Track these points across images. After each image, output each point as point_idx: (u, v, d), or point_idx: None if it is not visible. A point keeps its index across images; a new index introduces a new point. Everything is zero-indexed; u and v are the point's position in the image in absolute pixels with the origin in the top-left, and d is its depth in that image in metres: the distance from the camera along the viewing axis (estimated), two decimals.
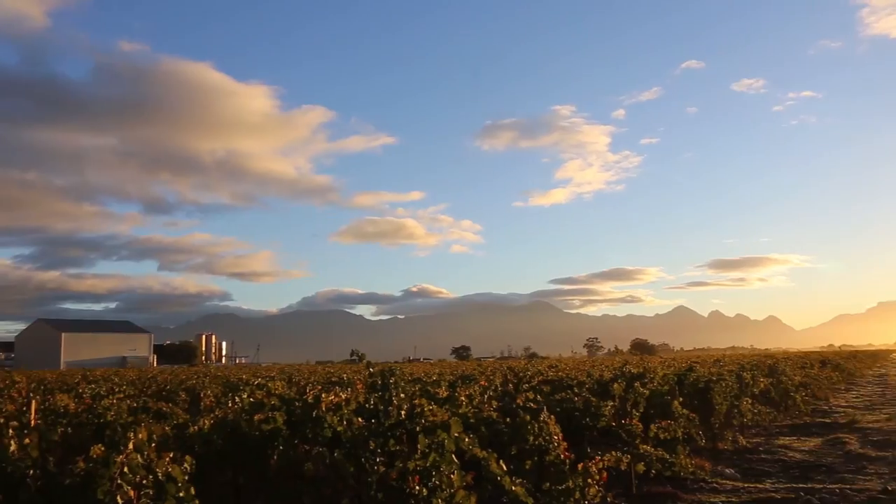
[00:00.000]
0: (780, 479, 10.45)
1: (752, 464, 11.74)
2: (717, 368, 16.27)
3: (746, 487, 9.76)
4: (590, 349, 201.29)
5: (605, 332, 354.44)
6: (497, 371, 17.59)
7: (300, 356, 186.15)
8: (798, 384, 20.92)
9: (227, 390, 9.16)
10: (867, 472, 10.63)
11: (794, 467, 11.39)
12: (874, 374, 45.07)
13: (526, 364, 21.77)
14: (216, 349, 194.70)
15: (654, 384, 11.06)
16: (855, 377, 39.45)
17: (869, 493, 9.22)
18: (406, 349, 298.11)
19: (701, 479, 10.09)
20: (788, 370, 21.44)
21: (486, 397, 8.67)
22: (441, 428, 4.91)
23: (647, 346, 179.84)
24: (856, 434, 14.74)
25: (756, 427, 15.67)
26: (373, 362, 5.64)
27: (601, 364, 24.52)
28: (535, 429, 6.73)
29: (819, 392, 23.80)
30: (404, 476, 4.79)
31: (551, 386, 11.12)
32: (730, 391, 13.93)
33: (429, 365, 52.67)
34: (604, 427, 8.69)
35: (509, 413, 7.09)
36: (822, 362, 34.51)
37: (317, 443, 5.44)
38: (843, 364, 39.74)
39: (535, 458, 6.74)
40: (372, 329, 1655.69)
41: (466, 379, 13.59)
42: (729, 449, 13.02)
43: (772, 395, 17.70)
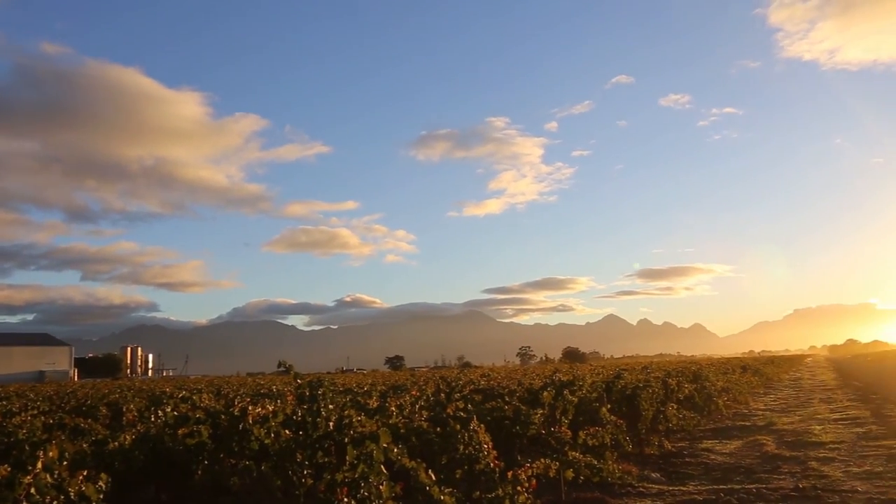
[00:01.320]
0: (703, 481, 10.79)
1: (676, 467, 12.08)
2: (644, 375, 16.67)
3: (671, 490, 10.04)
4: (522, 358, 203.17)
5: (537, 341, 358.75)
6: (429, 381, 17.58)
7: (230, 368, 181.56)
8: (720, 389, 21.67)
9: (150, 404, 8.85)
10: (781, 472, 11.09)
11: (716, 469, 11.78)
12: (790, 379, 47.01)
13: (458, 373, 21.84)
14: (142, 362, 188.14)
15: (583, 392, 11.25)
16: (773, 381, 41.08)
17: (782, 491, 9.62)
18: (339, 360, 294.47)
19: (628, 484, 10.32)
20: (711, 376, 22.15)
21: (417, 407, 8.66)
22: (370, 439, 4.88)
23: (579, 354, 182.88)
24: (772, 436, 15.35)
25: (681, 431, 16.13)
26: (301, 373, 5.57)
27: (532, 372, 24.82)
28: (465, 438, 6.75)
29: (740, 396, 24.70)
30: (332, 488, 4.73)
31: (483, 395, 11.18)
32: (656, 397, 14.31)
33: (361, 375, 52.20)
34: (534, 435, 8.78)
35: (440, 422, 7.09)
36: (742, 368, 35.79)
37: (243, 456, 5.32)
38: (762, 369, 41.35)
39: (465, 466, 6.76)
40: (304, 339, 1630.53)
41: (398, 389, 13.54)
42: (655, 453, 13.36)
43: (696, 400, 18.26)
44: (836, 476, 10.57)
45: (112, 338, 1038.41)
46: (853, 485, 9.87)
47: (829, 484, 9.98)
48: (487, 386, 13.70)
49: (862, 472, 10.80)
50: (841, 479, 10.30)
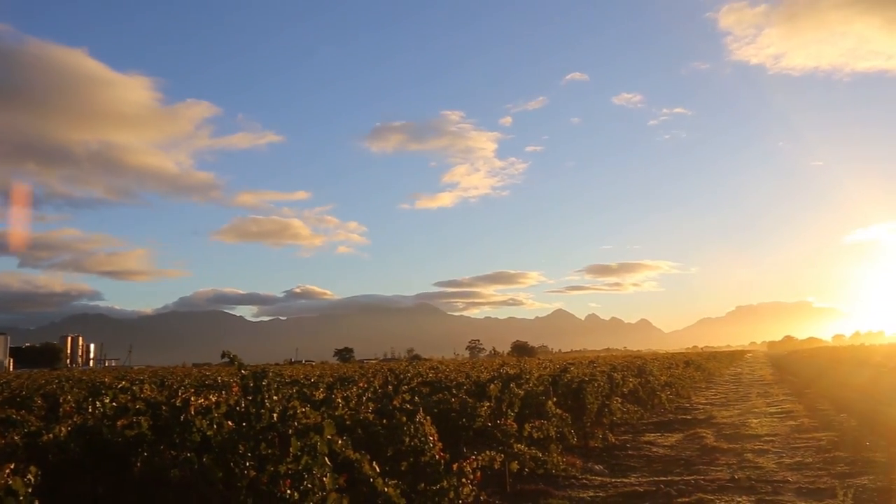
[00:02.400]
0: (644, 473, 11.05)
1: (619, 460, 12.34)
2: (590, 369, 16.97)
3: (613, 482, 10.25)
4: (472, 351, 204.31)
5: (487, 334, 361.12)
6: (378, 373, 17.54)
7: (176, 359, 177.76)
8: (664, 383, 22.18)
9: (89, 395, 8.61)
10: (719, 464, 11.44)
11: (657, 461, 12.07)
12: (731, 374, 48.42)
13: (407, 366, 21.83)
14: (83, 352, 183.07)
15: (530, 385, 11.39)
16: (714, 376, 42.24)
17: (719, 482, 9.92)
18: (288, 351, 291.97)
19: (572, 476, 10.51)
20: (655, 370, 22.65)
21: (363, 399, 8.63)
22: (314, 430, 4.84)
23: (527, 347, 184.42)
24: (712, 429, 15.80)
25: (625, 425, 16.47)
26: (246, 364, 5.49)
27: (481, 366, 24.99)
28: (411, 430, 6.77)
29: (682, 391, 25.33)
30: (275, 480, 4.68)
31: (430, 387, 11.20)
32: (601, 391, 14.55)
33: (310, 367, 51.74)
34: (480, 427, 8.84)
35: (386, 415, 7.09)
36: (685, 363, 36.67)
37: (185, 448, 5.22)
38: (704, 364, 42.45)
39: (410, 459, 6.77)
40: (253, 330, 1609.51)
41: (345, 381, 13.47)
42: (599, 446, 13.61)
43: (640, 394, 18.65)
44: (769, 467, 10.95)
45: (52, 327, 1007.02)
46: (785, 475, 10.24)
47: (762, 475, 10.34)
48: (435, 378, 13.75)
49: (793, 463, 11.21)
50: (774, 470, 10.67)
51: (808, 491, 9.21)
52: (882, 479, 9.65)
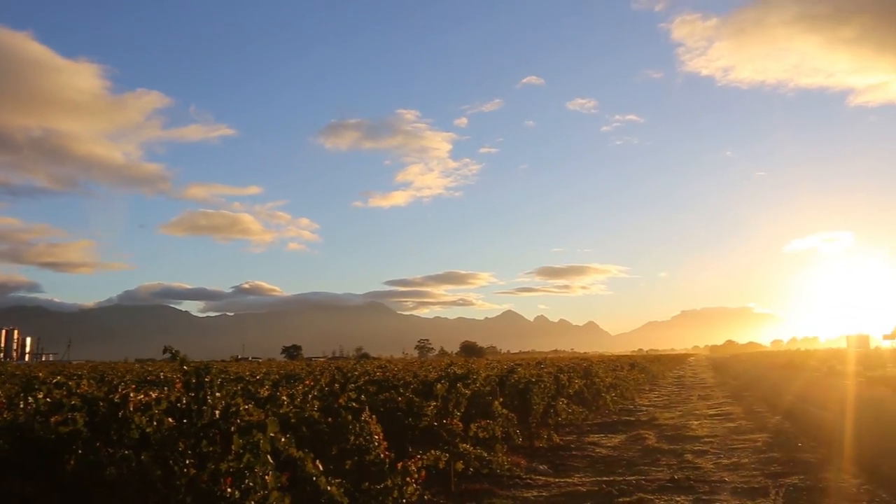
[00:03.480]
0: (587, 473, 11.21)
1: (563, 460, 12.50)
2: (537, 370, 17.10)
3: (557, 482, 10.38)
4: (421, 350, 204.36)
5: (436, 334, 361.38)
6: (325, 371, 17.39)
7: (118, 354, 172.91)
8: (609, 385, 22.53)
9: (22, 390, 8.33)
10: (660, 464, 11.69)
11: (600, 462, 12.27)
12: (674, 376, 49.49)
13: (355, 364, 21.71)
14: (18, 345, 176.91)
15: (477, 385, 11.43)
16: (658, 379, 43.13)
17: (659, 482, 10.14)
18: (234, 347, 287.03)
19: (517, 476, 10.60)
20: (601, 372, 22.98)
21: (309, 397, 8.54)
22: (257, 428, 4.77)
23: (476, 348, 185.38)
24: (654, 430, 16.14)
25: (570, 425, 16.69)
26: (189, 360, 5.38)
27: (429, 365, 25.00)
28: (356, 428, 6.74)
29: (627, 392, 25.79)
30: (216, 478, 4.60)
31: (377, 386, 11.14)
32: (548, 392, 14.71)
33: (256, 364, 50.99)
34: (426, 427, 8.85)
35: (332, 413, 7.03)
36: (630, 365, 37.33)
37: (122, 445, 5.08)
38: (648, 367, 43.30)
39: (355, 457, 6.74)
40: (199, 326, 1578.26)
41: (291, 378, 13.32)
42: (544, 446, 13.76)
43: (585, 395, 18.92)
44: (707, 468, 11.23)
45: None
46: (722, 475, 10.52)
47: (701, 475, 10.60)
48: (383, 377, 13.69)
49: (730, 464, 11.53)
50: (712, 471, 10.95)
51: (743, 490, 9.48)
52: (811, 479, 10.02)
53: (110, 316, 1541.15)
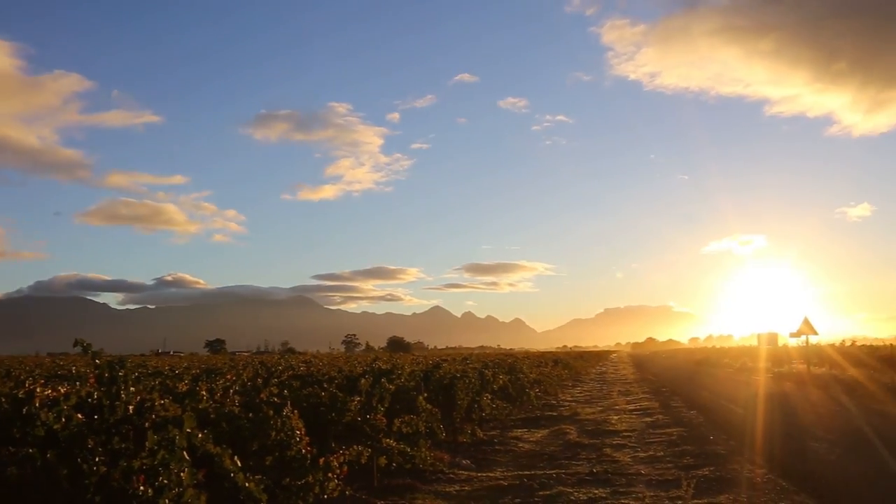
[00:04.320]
0: (510, 467, 11.38)
1: (486, 454, 12.65)
2: (462, 366, 17.26)
3: (479, 476, 10.50)
4: (348, 346, 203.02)
5: (364, 329, 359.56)
6: (248, 365, 17.08)
7: (29, 347, 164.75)
8: (533, 381, 22.92)
9: None
10: (580, 458, 11.98)
11: (523, 456, 12.48)
12: (596, 373, 50.71)
13: (279, 359, 21.40)
14: None
15: (402, 380, 11.47)
16: (581, 375, 44.10)
17: (579, 475, 10.39)
18: (156, 341, 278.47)
19: (439, 471, 10.66)
20: (525, 368, 23.37)
21: (230, 392, 8.38)
22: (173, 423, 4.66)
23: (403, 343, 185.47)
24: (575, 425, 16.51)
25: (494, 420, 16.90)
26: (102, 353, 5.19)
27: (355, 360, 24.89)
28: (277, 424, 6.65)
29: (550, 388, 26.28)
30: (128, 475, 4.46)
31: (301, 381, 11.04)
32: (472, 387, 14.86)
33: (177, 358, 49.60)
34: (349, 422, 8.81)
35: (253, 408, 6.92)
36: (554, 361, 38.10)
37: (26, 444, 4.86)
38: (571, 363, 44.24)
39: (276, 453, 6.66)
40: (118, 319, 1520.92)
41: (213, 373, 13.03)
42: (468, 441, 13.89)
43: (510, 390, 19.18)
44: (625, 461, 11.58)
45: None
46: (638, 468, 10.87)
47: (618, 468, 10.92)
48: (307, 372, 13.57)
49: (646, 457, 11.92)
50: (629, 464, 11.29)
51: (657, 482, 9.82)
52: (721, 470, 10.48)
53: (21, 307, 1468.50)
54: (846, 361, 35.70)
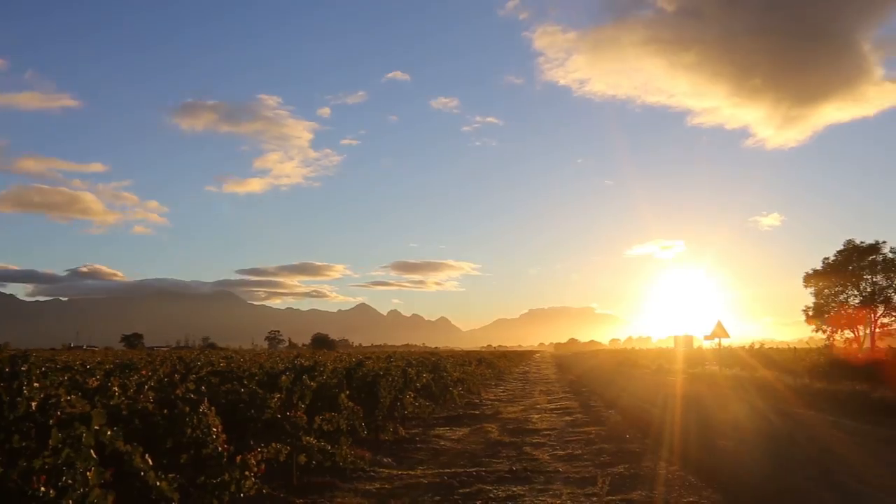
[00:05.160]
0: (431, 465, 11.42)
1: (408, 452, 12.66)
2: (386, 364, 17.20)
3: (400, 474, 10.49)
4: (271, 342, 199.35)
5: (288, 326, 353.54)
6: (166, 361, 16.54)
7: None
8: (456, 380, 23.06)
9: None
10: (500, 456, 12.13)
11: (444, 454, 12.53)
12: (519, 372, 51.47)
13: (198, 354, 20.82)
14: None
15: (324, 377, 11.33)
16: (504, 374, 44.65)
17: (499, 473, 10.52)
18: (68, 335, 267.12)
19: (360, 469, 10.60)
20: (449, 367, 23.47)
21: (145, 388, 8.10)
22: (80, 420, 4.46)
23: (328, 341, 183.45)
24: (497, 423, 16.71)
25: (416, 418, 16.93)
26: (4, 347, 4.94)
27: (277, 357, 24.47)
28: (193, 421, 6.47)
29: (473, 387, 26.51)
30: (28, 476, 4.25)
31: (220, 377, 10.76)
32: (395, 385, 14.83)
33: (91, 353, 47.60)
34: (269, 419, 8.65)
35: (168, 405, 6.71)
36: (478, 360, 38.43)
37: None
38: (495, 363, 44.74)
39: (191, 451, 6.48)
40: (27, 311, 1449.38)
41: (127, 368, 12.55)
42: (389, 439, 13.87)
43: (433, 389, 19.25)
44: (544, 459, 11.79)
45: None
46: (557, 466, 11.09)
47: (537, 466, 11.11)
48: (227, 368, 13.25)
49: (565, 455, 12.17)
50: (548, 462, 11.51)
51: (575, 480, 10.04)
52: (634, 467, 10.81)
53: None
54: (756, 363, 37.35)
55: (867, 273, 57.83)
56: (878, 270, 57.34)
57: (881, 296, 57.26)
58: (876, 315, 57.78)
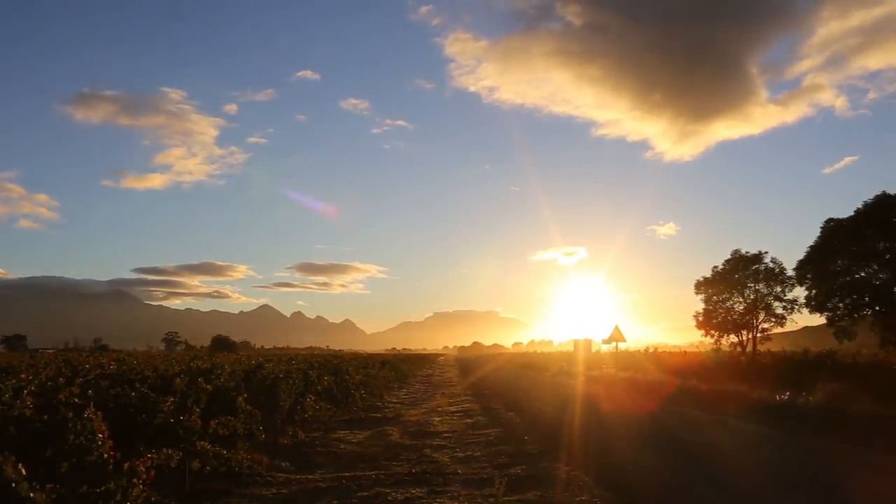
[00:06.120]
0: (330, 469, 11.32)
1: (307, 456, 12.50)
2: (287, 366, 16.93)
3: (298, 479, 10.34)
4: (168, 344, 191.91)
5: (187, 327, 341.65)
6: (51, 364, 15.67)
7: None
8: (359, 383, 22.93)
9: None
10: (400, 459, 12.16)
11: (344, 458, 12.45)
12: (423, 375, 51.67)
13: (88, 357, 19.84)
14: None
15: (222, 380, 11.06)
16: (408, 377, 44.70)
17: (398, 476, 10.54)
18: None
19: (257, 474, 10.39)
20: (352, 370, 23.35)
21: (24, 393, 7.67)
22: None
23: (229, 343, 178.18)
24: (398, 426, 16.73)
25: (317, 422, 16.73)
26: None
27: (173, 359, 23.63)
28: (77, 427, 6.16)
29: (376, 390, 26.42)
30: None
31: (110, 380, 10.33)
32: (296, 388, 14.62)
33: None
34: (161, 424, 8.35)
35: (49, 410, 6.37)
36: (381, 363, 38.34)
37: None
38: (399, 365, 44.72)
39: (73, 459, 6.17)
40: None
41: (5, 372, 11.85)
42: (288, 443, 13.66)
43: (334, 392, 19.08)
44: (444, 461, 11.90)
45: None
46: (455, 468, 11.21)
47: (437, 468, 11.19)
48: (118, 371, 12.71)
49: (464, 457, 12.33)
50: (447, 464, 11.62)
51: (473, 481, 10.19)
52: (531, 468, 11.08)
53: None
54: (650, 366, 39.00)
55: (751, 281, 61.41)
56: (760, 279, 61.00)
57: (762, 303, 60.93)
58: (758, 321, 61.43)
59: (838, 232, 49.86)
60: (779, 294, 60.62)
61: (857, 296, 49.02)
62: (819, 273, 51.11)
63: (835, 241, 49.83)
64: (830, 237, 50.80)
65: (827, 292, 50.60)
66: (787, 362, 28.51)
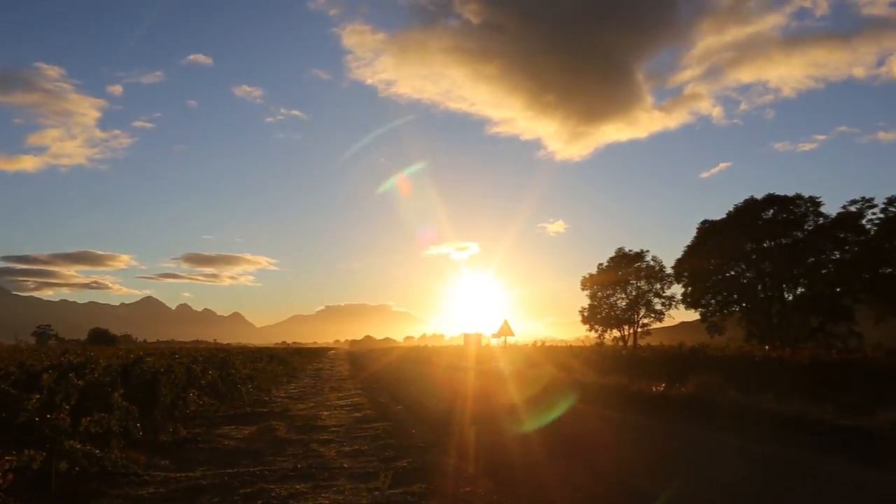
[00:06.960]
0: (212, 466, 10.98)
1: (189, 453, 12.08)
2: (168, 360, 16.28)
3: (178, 477, 9.98)
4: (40, 337, 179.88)
5: (62, 320, 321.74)
6: None
7: None
8: (245, 377, 22.39)
9: None
10: (286, 454, 11.97)
11: (227, 454, 12.12)
12: (313, 369, 50.97)
13: None
14: None
15: (95, 375, 10.51)
16: (297, 371, 43.99)
17: (283, 471, 10.38)
18: None
19: (133, 473, 9.95)
20: (238, 364, 22.75)
21: None
22: None
23: (108, 336, 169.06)
24: (285, 421, 16.45)
25: (200, 417, 16.19)
26: None
27: (43, 354, 22.21)
28: None
29: (264, 384, 25.88)
30: None
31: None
32: (178, 383, 14.11)
33: None
34: (25, 422, 7.86)
35: None
36: (270, 357, 37.55)
37: None
38: (288, 359, 43.99)
39: None
40: None
41: None
42: (169, 440, 13.14)
43: (219, 386, 18.53)
44: (330, 455, 11.81)
45: None
46: (342, 462, 11.15)
47: (323, 463, 11.10)
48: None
49: (351, 451, 12.28)
50: (334, 458, 11.54)
51: (359, 475, 10.17)
52: (418, 461, 11.16)
53: None
54: (538, 359, 40.14)
55: (633, 278, 64.42)
56: (641, 276, 64.10)
57: (643, 299, 64.06)
58: (639, 316, 64.50)
59: (712, 233, 53.18)
60: (658, 291, 63.89)
61: (727, 293, 52.47)
62: (694, 271, 54.32)
63: (708, 242, 53.11)
64: (705, 238, 54.10)
65: (701, 290, 53.87)
66: (663, 356, 30.08)
